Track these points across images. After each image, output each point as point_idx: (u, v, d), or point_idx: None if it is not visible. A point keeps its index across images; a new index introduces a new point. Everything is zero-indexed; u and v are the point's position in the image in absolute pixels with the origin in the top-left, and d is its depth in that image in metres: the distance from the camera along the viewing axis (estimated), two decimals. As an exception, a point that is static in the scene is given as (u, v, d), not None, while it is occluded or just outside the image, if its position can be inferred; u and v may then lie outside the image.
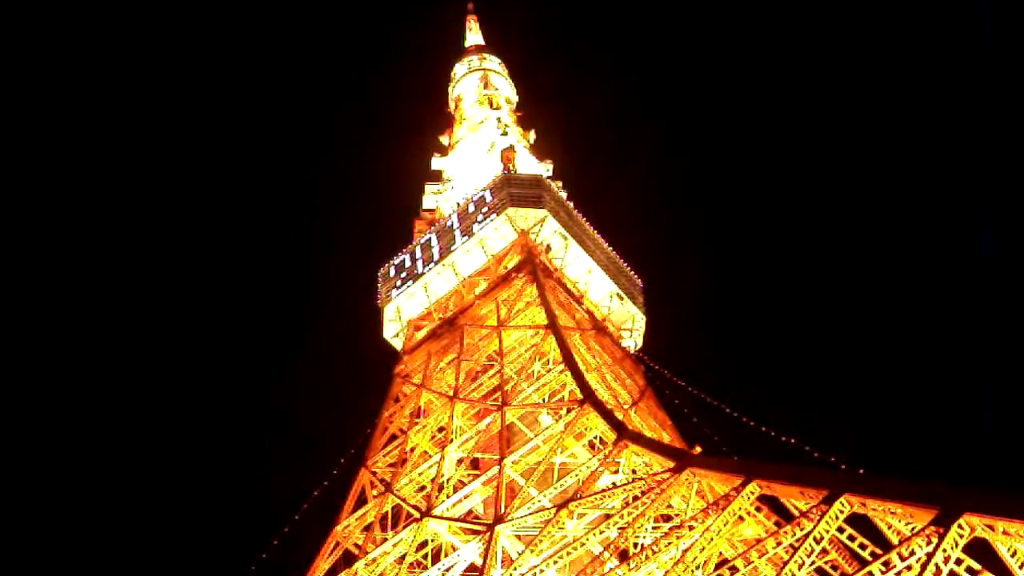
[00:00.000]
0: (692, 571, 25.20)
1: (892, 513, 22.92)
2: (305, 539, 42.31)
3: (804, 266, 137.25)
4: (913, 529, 22.04)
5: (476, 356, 48.17)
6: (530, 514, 32.62)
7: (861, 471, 27.20)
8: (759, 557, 24.83)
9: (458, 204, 61.06)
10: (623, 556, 28.95)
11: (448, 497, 37.96)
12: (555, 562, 29.67)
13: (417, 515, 37.30)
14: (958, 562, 21.63)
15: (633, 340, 58.63)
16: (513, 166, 61.09)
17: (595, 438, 37.50)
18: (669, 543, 26.43)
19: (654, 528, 29.94)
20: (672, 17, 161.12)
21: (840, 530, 24.46)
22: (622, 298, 58.05)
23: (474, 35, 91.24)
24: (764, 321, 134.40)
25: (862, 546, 24.46)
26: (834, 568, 26.14)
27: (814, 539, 23.14)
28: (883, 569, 21.77)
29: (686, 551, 25.49)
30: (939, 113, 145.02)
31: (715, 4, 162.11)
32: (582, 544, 29.89)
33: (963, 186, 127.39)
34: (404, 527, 38.11)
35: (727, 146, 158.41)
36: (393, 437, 46.23)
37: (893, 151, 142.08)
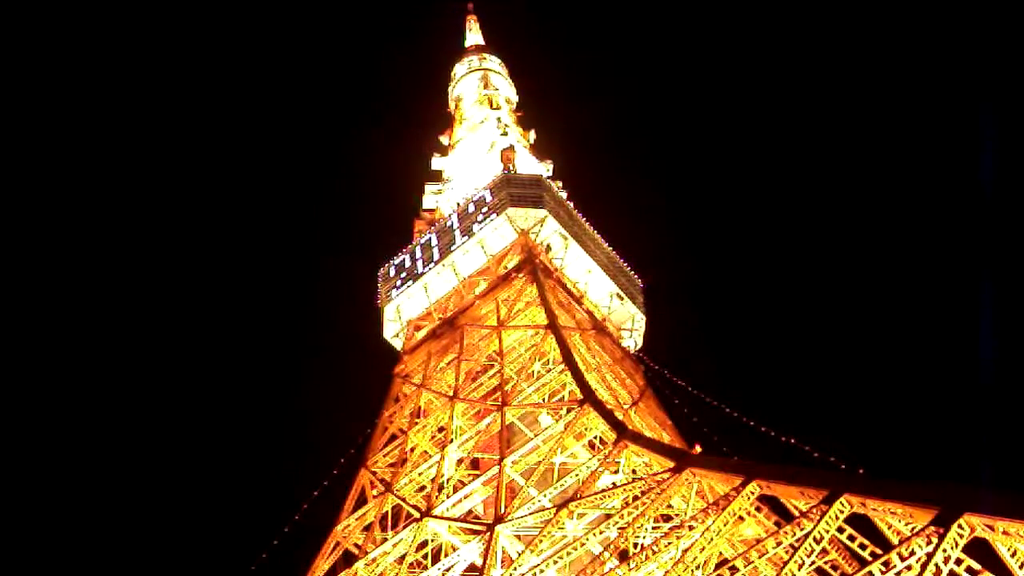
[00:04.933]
0: (692, 571, 25.21)
1: (892, 513, 22.95)
2: (305, 539, 42.36)
3: (804, 266, 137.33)
4: (913, 529, 22.06)
5: (476, 356, 48.18)
6: (530, 514, 32.64)
7: (861, 471, 27.26)
8: (759, 557, 24.84)
9: (458, 204, 61.06)
10: (623, 556, 28.97)
11: (448, 497, 37.98)
12: (555, 562, 29.70)
13: (417, 515, 37.32)
14: (958, 562, 21.65)
15: (633, 340, 58.62)
16: (513, 166, 61.08)
17: (595, 438, 37.53)
18: (669, 543, 26.47)
19: (654, 528, 29.96)
20: (672, 17, 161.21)
21: (840, 530, 24.48)
22: (622, 298, 58.05)
23: (474, 35, 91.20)
24: (764, 321, 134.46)
25: (862, 546, 24.49)
26: (834, 568, 26.17)
27: (814, 539, 23.16)
28: (883, 569, 21.78)
29: (686, 551, 25.51)
30: (938, 112, 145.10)
31: (715, 4, 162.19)
32: (582, 544, 29.92)
33: (962, 186, 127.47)
34: (404, 527, 38.13)
35: (727, 146, 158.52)
36: (393, 437, 46.24)
37: (892, 152, 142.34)
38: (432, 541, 37.06)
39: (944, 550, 20.72)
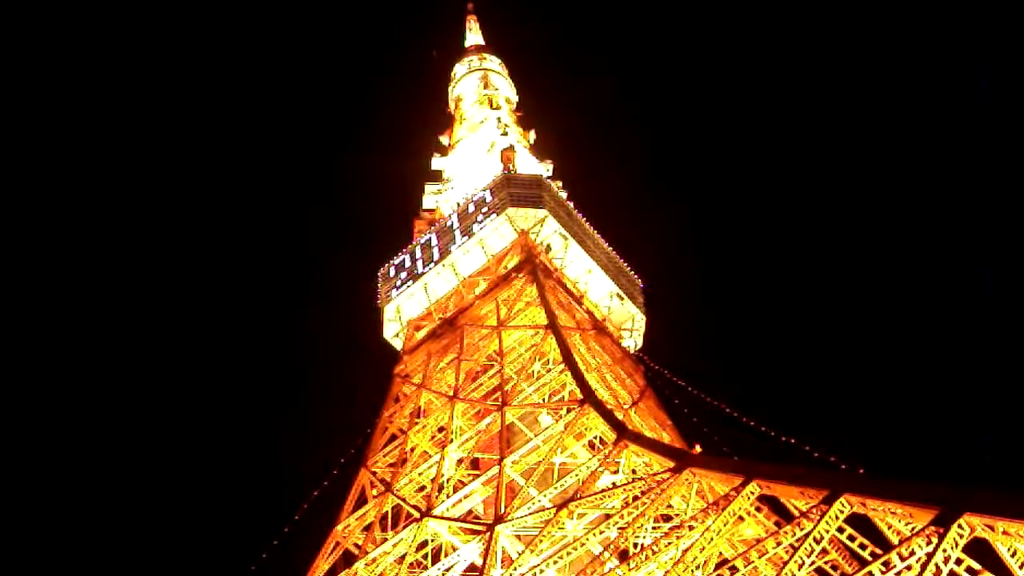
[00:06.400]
0: (692, 571, 25.21)
1: (892, 513, 22.94)
2: (305, 539, 42.36)
3: (805, 266, 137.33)
4: (913, 529, 22.05)
5: (476, 356, 48.17)
6: (530, 514, 32.61)
7: (861, 471, 27.26)
8: (759, 557, 24.85)
9: (458, 204, 61.08)
10: (623, 556, 28.96)
11: (448, 497, 37.96)
12: (555, 562, 29.68)
13: (417, 515, 37.30)
14: (958, 562, 21.64)
15: (633, 340, 58.64)
16: (513, 166, 61.10)
17: (595, 438, 37.50)
18: (669, 543, 26.45)
19: (654, 528, 29.94)
20: (672, 16, 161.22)
21: (840, 530, 24.46)
22: (622, 298, 58.07)
23: (474, 35, 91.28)
24: (764, 321, 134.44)
25: (862, 546, 24.47)
26: (834, 568, 26.15)
27: (814, 539, 23.16)
28: (883, 569, 21.78)
29: (686, 551, 25.49)
30: (943, 115, 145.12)
31: (715, 4, 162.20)
32: (582, 544, 29.90)
33: (962, 186, 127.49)
34: (404, 527, 38.11)
35: (728, 146, 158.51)
36: (393, 437, 46.23)
37: (896, 153, 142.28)
38: (432, 541, 37.04)
39: (944, 550, 20.71)
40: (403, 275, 59.32)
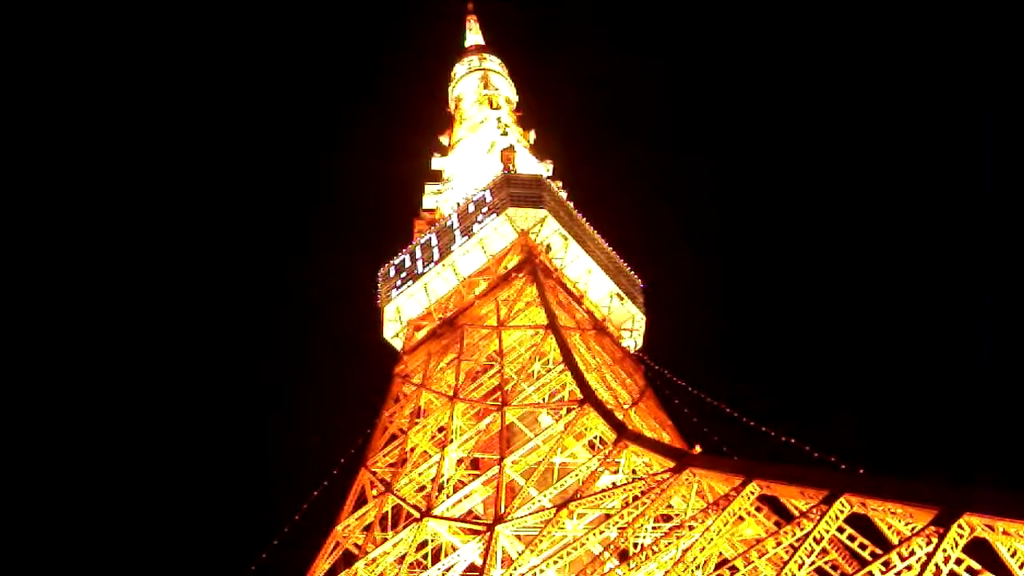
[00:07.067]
0: (692, 571, 25.22)
1: (892, 513, 22.95)
2: (305, 539, 42.38)
3: (804, 266, 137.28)
4: (913, 529, 22.06)
5: (476, 356, 48.17)
6: (530, 514, 32.63)
7: (861, 471, 27.24)
8: (759, 557, 24.86)
9: (458, 204, 61.07)
10: (623, 556, 28.98)
11: (448, 497, 37.97)
12: (555, 562, 29.70)
13: (417, 515, 37.32)
14: (958, 562, 21.66)
15: (633, 340, 58.63)
16: (513, 166, 61.07)
17: (595, 438, 37.52)
18: (669, 543, 26.46)
19: (654, 528, 29.95)
20: (672, 16, 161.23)
21: (840, 530, 24.49)
22: (622, 298, 58.07)
23: (474, 35, 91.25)
24: (764, 321, 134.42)
25: (862, 546, 24.50)
26: (834, 568, 26.17)
27: (814, 539, 23.17)
28: (883, 569, 21.79)
29: (686, 551, 25.51)
30: (940, 111, 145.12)
31: (715, 4, 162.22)
32: (582, 544, 29.91)
33: (963, 186, 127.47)
34: (404, 527, 38.13)
35: (728, 145, 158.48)
36: (393, 437, 46.25)
37: (892, 149, 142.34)
38: (432, 541, 37.07)
39: (944, 550, 20.72)
40: (403, 275, 59.31)
